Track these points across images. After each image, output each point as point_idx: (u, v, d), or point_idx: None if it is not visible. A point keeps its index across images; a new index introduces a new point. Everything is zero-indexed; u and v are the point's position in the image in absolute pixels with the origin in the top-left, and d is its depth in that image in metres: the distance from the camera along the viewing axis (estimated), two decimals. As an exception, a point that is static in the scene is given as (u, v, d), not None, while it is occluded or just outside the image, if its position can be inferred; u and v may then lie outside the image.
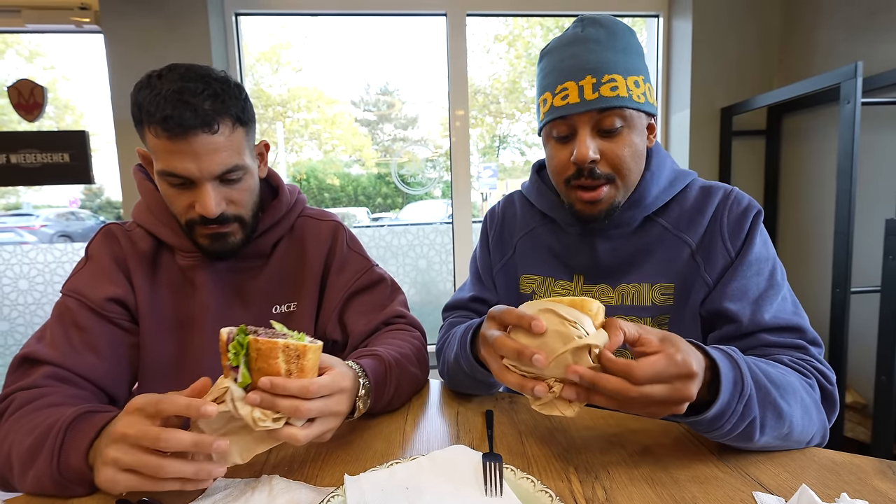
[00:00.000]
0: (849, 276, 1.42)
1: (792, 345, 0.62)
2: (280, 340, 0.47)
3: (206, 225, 0.68)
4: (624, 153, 0.65)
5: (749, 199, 0.70)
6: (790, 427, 0.52)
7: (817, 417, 0.56)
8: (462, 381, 0.72)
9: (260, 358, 0.47)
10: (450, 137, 2.07)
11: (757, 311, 0.63)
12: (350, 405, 0.57)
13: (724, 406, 0.47)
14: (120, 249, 0.74)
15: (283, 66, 2.49)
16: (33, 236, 3.27)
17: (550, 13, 2.15)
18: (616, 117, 0.64)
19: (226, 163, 0.65)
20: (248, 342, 0.47)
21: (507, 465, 0.51)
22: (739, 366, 0.50)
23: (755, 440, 0.51)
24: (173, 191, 0.66)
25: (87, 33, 1.86)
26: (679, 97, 2.01)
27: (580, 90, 0.63)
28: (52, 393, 0.61)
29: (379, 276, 0.86)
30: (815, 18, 1.82)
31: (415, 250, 2.19)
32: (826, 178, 1.77)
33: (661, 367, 0.44)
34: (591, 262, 0.75)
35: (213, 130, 0.63)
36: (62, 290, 0.72)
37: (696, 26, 1.91)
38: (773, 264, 0.67)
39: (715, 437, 0.52)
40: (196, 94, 0.61)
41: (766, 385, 0.51)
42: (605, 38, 0.65)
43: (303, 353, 0.48)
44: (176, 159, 0.62)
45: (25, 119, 1.85)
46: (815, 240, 1.84)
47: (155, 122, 0.61)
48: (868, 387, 1.60)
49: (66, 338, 0.67)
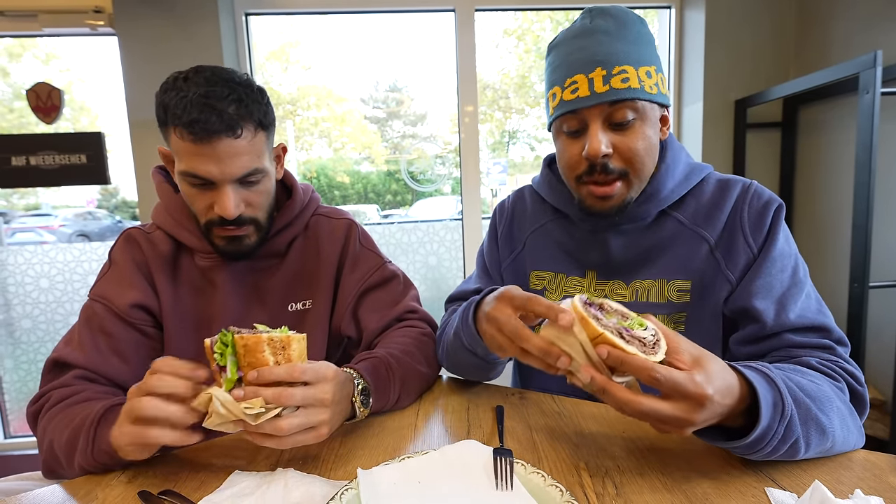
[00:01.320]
0: (867, 271, 1.39)
1: (818, 345, 0.60)
2: (264, 334, 0.50)
3: (223, 226, 0.70)
4: (637, 146, 0.63)
5: (770, 192, 0.68)
6: (833, 441, 0.50)
7: (853, 424, 0.54)
8: (460, 360, 0.71)
9: (248, 353, 0.49)
10: (459, 133, 2.07)
11: (782, 310, 0.61)
12: (345, 404, 0.58)
13: (764, 429, 0.45)
14: (141, 254, 0.77)
15: (292, 64, 2.50)
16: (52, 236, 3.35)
17: (559, 6, 2.13)
18: (628, 110, 0.62)
19: (247, 166, 0.67)
20: (234, 340, 0.49)
21: (517, 459, 0.51)
22: (778, 386, 0.47)
23: (799, 457, 0.50)
24: (194, 191, 0.68)
25: (102, 36, 1.89)
26: (692, 90, 1.98)
27: (590, 83, 0.62)
28: (84, 389, 0.66)
29: (392, 273, 0.87)
30: (832, 7, 1.77)
31: (425, 247, 2.20)
32: (844, 171, 1.73)
33: (680, 383, 0.43)
34: (604, 258, 0.74)
35: (236, 135, 0.64)
36: (90, 294, 0.75)
37: (710, 17, 1.88)
38: (795, 261, 0.65)
39: (758, 458, 0.49)
40: (221, 98, 0.63)
41: (805, 402, 0.49)
42: (615, 29, 0.63)
43: (287, 344, 0.51)
44: (199, 161, 0.64)
45: (43, 121, 1.90)
46: (832, 234, 1.80)
47: (181, 124, 0.62)
48: (887, 383, 1.57)
49: (93, 342, 0.70)
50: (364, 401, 0.61)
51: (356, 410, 0.60)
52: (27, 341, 2.03)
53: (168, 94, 0.64)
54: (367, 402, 0.62)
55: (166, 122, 0.65)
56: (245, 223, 0.71)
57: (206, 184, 0.66)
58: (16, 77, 2.30)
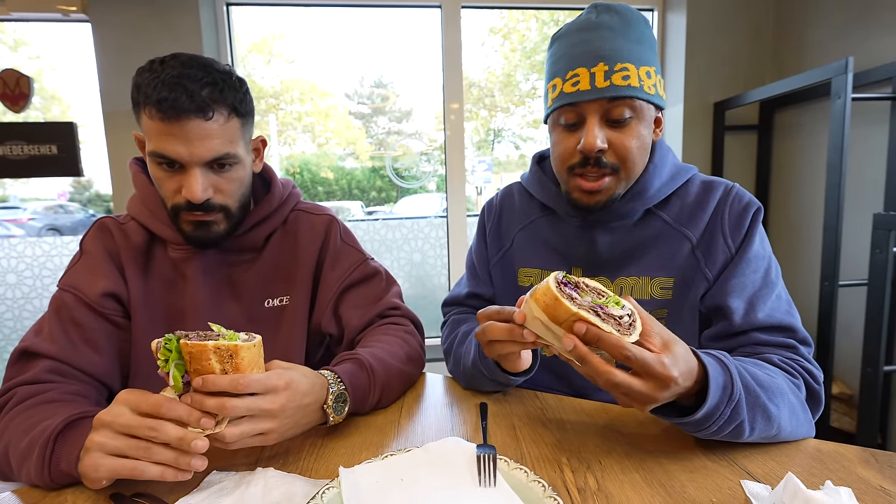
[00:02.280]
0: (837, 270, 1.44)
1: (783, 344, 0.63)
2: (210, 342, 0.47)
3: (190, 211, 0.67)
4: (631, 144, 0.64)
5: (750, 196, 0.71)
6: (778, 428, 0.53)
7: (804, 417, 0.57)
8: (481, 383, 0.72)
9: (193, 361, 0.47)
10: (444, 131, 2.06)
11: (751, 309, 0.64)
12: (309, 413, 0.56)
13: (712, 408, 0.49)
14: (113, 243, 0.74)
15: (275, 57, 2.45)
16: (21, 230, 3.22)
17: (545, 6, 2.14)
18: (626, 107, 0.63)
19: (217, 150, 0.65)
20: (179, 347, 0.47)
21: (500, 456, 0.51)
22: (730, 370, 0.51)
23: (743, 439, 0.53)
24: (162, 173, 0.66)
25: (75, 22, 1.82)
26: (673, 91, 2.02)
27: (591, 77, 0.62)
28: (52, 388, 0.62)
29: (374, 270, 0.86)
30: (807, 15, 1.83)
31: (409, 244, 2.19)
32: (816, 173, 1.79)
33: (650, 363, 0.45)
34: (590, 255, 0.75)
35: (206, 117, 0.63)
36: (59, 284, 0.72)
37: (691, 21, 1.91)
38: (768, 262, 0.67)
39: (704, 436, 0.53)
40: (195, 80, 0.62)
41: (755, 389, 0.52)
42: (620, 26, 0.63)
43: (235, 353, 0.48)
44: (167, 141, 0.63)
45: (11, 110, 1.82)
46: (805, 234, 1.87)
47: (151, 103, 0.61)
48: (854, 378, 1.63)
49: (64, 333, 0.67)
50: (338, 407, 0.60)
51: (328, 417, 0.59)
52: (-7, 339, 1.95)
53: (143, 75, 0.63)
54: (341, 409, 0.60)
55: (139, 103, 0.63)
56: (213, 209, 0.68)
57: (174, 166, 0.65)
58: (-19, 63, 2.19)
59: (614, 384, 0.46)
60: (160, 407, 0.46)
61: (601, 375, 0.46)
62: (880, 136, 1.55)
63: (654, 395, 0.46)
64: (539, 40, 2.76)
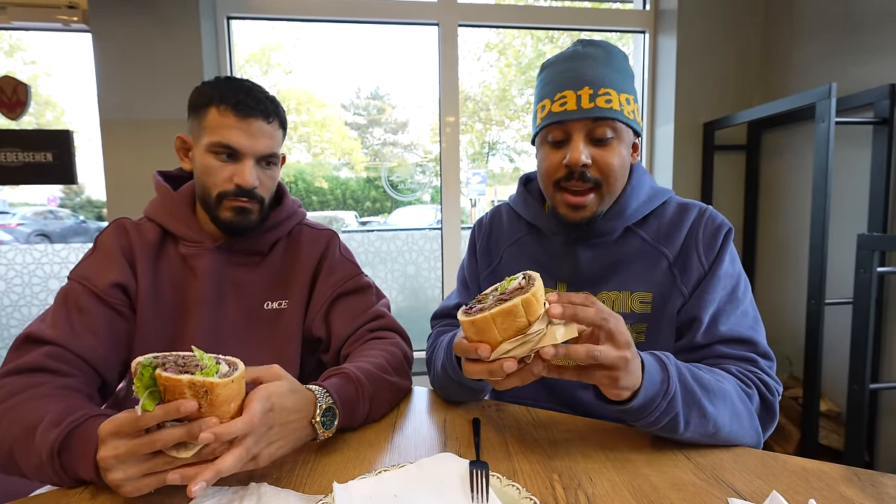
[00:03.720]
0: (823, 289, 1.47)
1: (742, 357, 0.67)
2: (185, 377, 0.46)
3: (237, 197, 0.77)
4: (613, 161, 0.70)
5: (722, 217, 0.75)
6: (715, 427, 0.58)
7: (749, 423, 0.62)
8: (451, 389, 0.74)
9: (167, 392, 0.47)
10: (440, 143, 2.09)
11: (714, 323, 0.69)
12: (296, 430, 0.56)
13: (647, 399, 0.55)
14: (128, 240, 0.80)
15: (273, 67, 2.48)
16: (9, 235, 3.17)
17: (541, 26, 2.20)
18: (608, 128, 0.69)
19: (269, 147, 0.78)
20: (155, 376, 0.46)
21: (493, 472, 0.52)
22: (667, 367, 0.57)
23: (679, 433, 0.58)
24: (217, 163, 0.76)
25: (75, 32, 1.83)
26: (664, 111, 2.07)
27: (578, 98, 0.68)
28: (43, 383, 0.64)
29: (366, 283, 0.90)
30: (793, 40, 1.89)
31: (404, 256, 2.20)
32: (802, 193, 1.84)
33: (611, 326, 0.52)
34: (573, 271, 0.79)
35: (268, 120, 0.77)
36: (69, 276, 0.77)
37: (681, 44, 1.97)
38: (736, 280, 0.72)
39: (643, 427, 0.58)
40: (261, 92, 0.79)
41: (692, 387, 0.57)
42: (603, 57, 0.71)
43: (210, 389, 0.47)
44: (234, 134, 0.74)
45: (7, 117, 1.81)
46: (792, 253, 1.90)
47: (227, 102, 0.74)
48: (842, 395, 1.65)
49: (67, 319, 0.71)
50: (326, 421, 0.60)
51: (317, 432, 0.59)
52: (-22, 347, 1.92)
53: (211, 84, 0.76)
54: (330, 423, 0.61)
55: (207, 104, 0.75)
56: (255, 199, 0.78)
57: (231, 156, 0.76)
58: (-24, 69, 2.19)
59: (595, 355, 0.50)
60: (138, 423, 0.47)
61: (588, 352, 0.50)
62: (863, 158, 1.60)
63: (624, 353, 0.52)
64: (534, 56, 2.82)
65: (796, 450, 1.68)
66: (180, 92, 1.70)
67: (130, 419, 0.48)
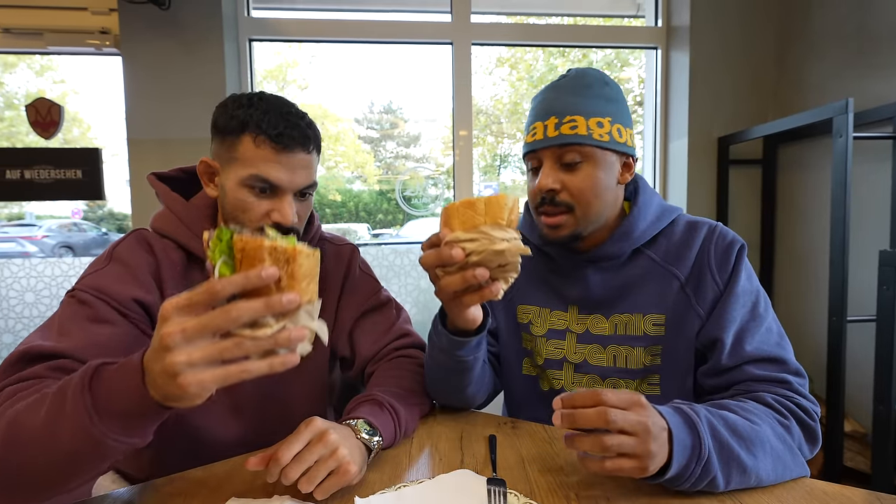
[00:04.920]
0: (845, 306, 1.44)
1: (774, 378, 0.65)
2: (267, 241, 0.42)
3: None
4: (583, 185, 0.71)
5: (733, 234, 0.75)
6: (757, 479, 0.55)
7: (793, 462, 0.58)
8: (437, 372, 0.75)
9: (245, 260, 0.42)
10: (453, 157, 2.12)
11: (738, 343, 0.67)
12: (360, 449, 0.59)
13: (680, 469, 0.51)
14: (154, 258, 0.73)
15: (289, 83, 2.56)
16: (34, 246, 3.29)
17: (552, 44, 2.23)
18: (575, 153, 0.70)
19: (309, 179, 0.73)
20: (232, 240, 0.42)
21: (510, 489, 0.52)
22: (697, 427, 0.52)
23: (720, 490, 0.54)
24: (252, 198, 0.69)
25: (106, 56, 1.92)
26: (677, 126, 2.07)
27: (545, 128, 0.72)
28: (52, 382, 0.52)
29: (386, 298, 0.91)
30: (807, 54, 1.89)
31: (417, 269, 2.22)
32: (821, 208, 1.81)
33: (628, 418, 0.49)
34: (584, 294, 0.79)
35: (308, 150, 0.71)
36: (76, 288, 0.66)
37: (694, 59, 1.98)
38: (756, 296, 0.70)
39: (680, 488, 0.54)
40: (300, 118, 0.71)
41: (728, 443, 0.53)
42: (576, 86, 0.72)
43: (293, 257, 0.42)
44: (273, 168, 0.68)
45: (42, 136, 1.90)
46: (811, 268, 1.87)
47: (264, 133, 0.67)
48: (866, 415, 1.60)
49: (82, 330, 0.61)
50: (370, 434, 0.62)
51: (370, 448, 0.61)
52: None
53: (242, 109, 0.68)
54: (374, 436, 0.62)
55: (241, 131, 0.68)
56: (292, 232, 0.72)
57: (269, 190, 0.69)
58: (9, 87, 2.31)
59: (608, 447, 0.48)
60: (214, 287, 0.40)
61: (595, 443, 0.49)
62: (883, 173, 1.58)
63: (646, 447, 0.48)
64: (545, 70, 2.85)
65: (820, 472, 1.63)
66: (204, 111, 1.76)
67: (203, 288, 0.40)
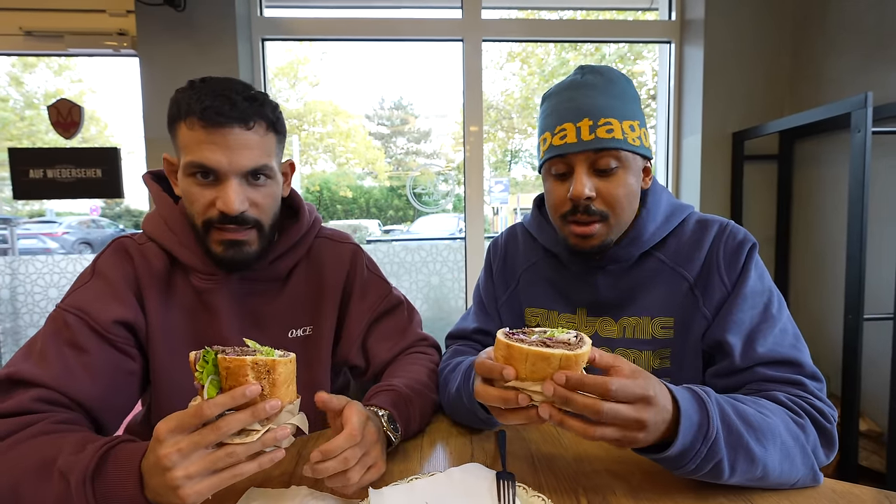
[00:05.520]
0: (861, 303, 1.42)
1: (789, 380, 0.62)
2: (248, 357, 0.47)
3: (223, 225, 0.65)
4: (619, 192, 0.68)
5: (745, 232, 0.72)
6: (764, 470, 0.52)
7: (802, 462, 0.55)
8: (461, 413, 0.72)
9: (230, 377, 0.46)
10: (464, 153, 2.12)
11: (750, 345, 0.64)
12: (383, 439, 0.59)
13: (685, 446, 0.49)
14: (132, 268, 0.70)
15: (300, 80, 2.58)
16: (55, 242, 3.38)
17: (565, 39, 2.21)
18: (611, 158, 0.67)
19: (255, 160, 0.65)
20: (217, 360, 0.47)
21: (519, 483, 0.54)
22: (707, 408, 0.51)
23: (724, 479, 0.52)
24: (196, 188, 0.65)
25: (123, 57, 1.97)
26: (690, 121, 2.05)
27: (577, 131, 0.67)
28: (38, 420, 0.56)
29: (398, 300, 0.88)
30: (825, 48, 1.85)
31: (428, 266, 2.24)
32: (838, 204, 1.78)
33: (628, 385, 0.46)
34: (592, 297, 0.77)
35: (248, 126, 0.64)
36: (60, 305, 0.66)
37: (708, 53, 1.95)
38: (768, 297, 0.68)
39: (682, 475, 0.52)
40: (237, 92, 0.64)
41: (738, 429, 0.51)
42: (602, 85, 0.69)
43: (272, 368, 0.48)
44: (208, 150, 0.62)
45: (63, 136, 1.96)
46: (827, 265, 1.84)
47: (193, 113, 0.62)
48: (883, 415, 1.58)
49: (59, 357, 0.61)
50: (394, 427, 0.63)
51: (391, 438, 0.62)
52: (32, 350, 2.05)
53: (183, 93, 0.64)
54: (396, 429, 0.63)
55: (178, 118, 0.64)
56: (247, 224, 0.67)
57: (211, 177, 0.64)
58: (29, 87, 2.38)
59: (602, 412, 0.46)
60: (203, 411, 0.45)
61: (588, 407, 0.46)
62: (903, 168, 1.55)
63: (642, 416, 0.47)
64: (557, 64, 2.83)
65: (835, 472, 1.61)
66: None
67: (192, 411, 0.45)
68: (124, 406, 0.69)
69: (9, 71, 2.34)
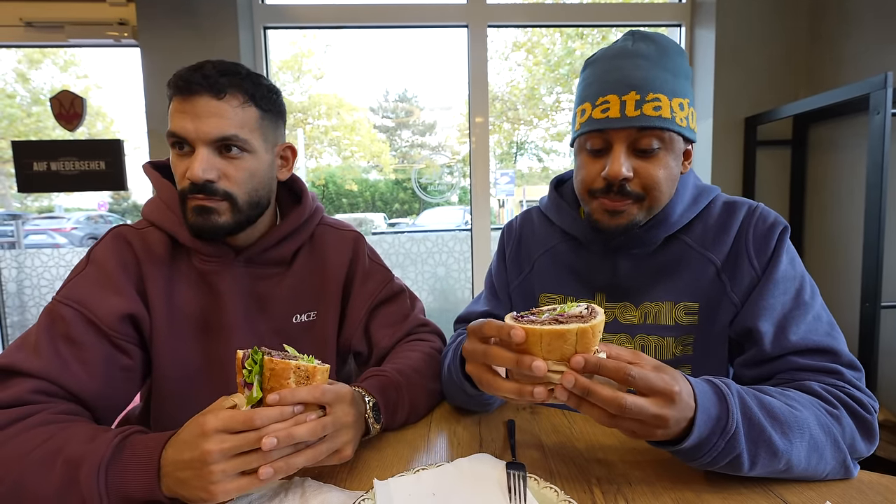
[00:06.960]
0: (879, 291, 1.38)
1: (824, 369, 0.59)
2: (292, 361, 0.50)
3: (193, 194, 0.65)
4: (658, 175, 0.63)
5: (775, 214, 0.68)
6: (788, 464, 0.50)
7: (833, 456, 0.52)
8: (454, 394, 0.70)
9: (273, 377, 0.49)
10: (469, 144, 2.09)
11: (782, 332, 0.61)
12: (361, 422, 0.58)
13: (700, 439, 0.47)
14: (132, 255, 0.69)
15: (304, 73, 2.56)
16: (64, 238, 3.41)
17: (571, 24, 2.17)
18: (655, 138, 0.62)
19: (223, 129, 0.64)
20: (263, 361, 0.49)
21: (530, 474, 0.52)
22: (727, 399, 0.49)
23: (744, 472, 0.50)
24: (175, 159, 0.67)
25: (124, 47, 1.95)
26: (702, 106, 2.00)
27: (622, 105, 0.61)
28: (39, 410, 0.56)
29: (399, 287, 0.88)
30: (843, 28, 1.79)
31: (434, 257, 2.22)
32: (855, 190, 1.74)
33: (651, 379, 0.45)
34: (612, 281, 0.74)
35: (218, 96, 0.64)
36: (56, 297, 0.65)
37: (720, 36, 1.90)
38: (800, 282, 0.64)
39: (698, 467, 0.51)
40: (216, 66, 0.66)
41: (759, 420, 0.49)
42: (655, 55, 0.62)
43: (312, 375, 0.51)
44: (178, 118, 0.64)
45: (66, 129, 1.95)
46: (843, 253, 1.80)
47: (171, 85, 0.65)
48: (899, 404, 1.55)
49: (54, 350, 0.60)
50: (376, 417, 0.62)
51: (370, 427, 0.61)
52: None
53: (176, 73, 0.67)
54: (378, 419, 0.63)
55: (169, 97, 0.66)
56: (217, 194, 0.66)
57: (186, 147, 0.65)
58: (35, 83, 2.37)
59: (625, 407, 0.44)
60: (254, 421, 0.46)
61: (610, 401, 0.44)
62: (923, 151, 1.49)
63: (664, 412, 0.45)
64: (563, 54, 2.78)
65: (849, 461, 1.59)
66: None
67: (242, 418, 0.46)
68: (120, 401, 0.69)
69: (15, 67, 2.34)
